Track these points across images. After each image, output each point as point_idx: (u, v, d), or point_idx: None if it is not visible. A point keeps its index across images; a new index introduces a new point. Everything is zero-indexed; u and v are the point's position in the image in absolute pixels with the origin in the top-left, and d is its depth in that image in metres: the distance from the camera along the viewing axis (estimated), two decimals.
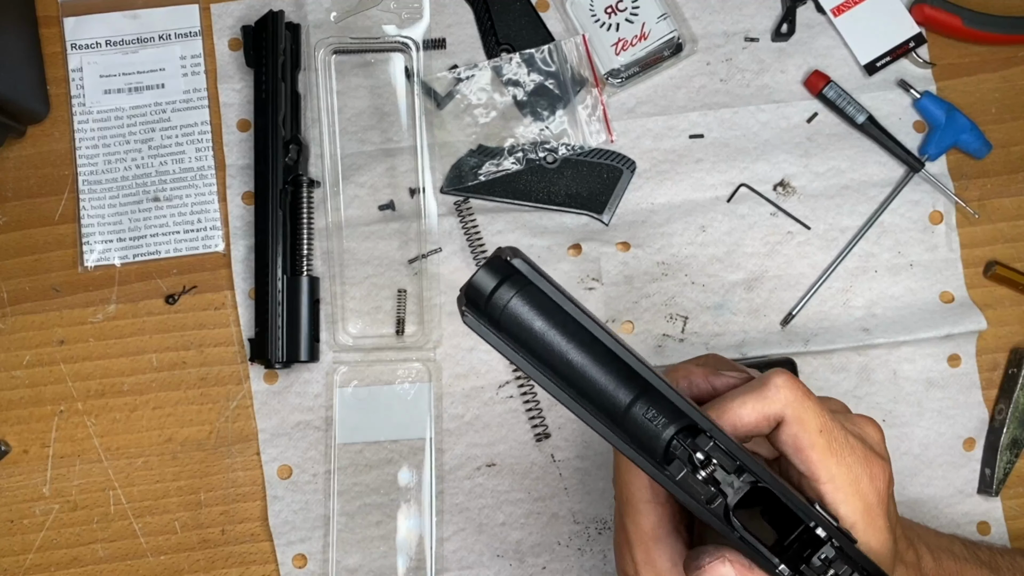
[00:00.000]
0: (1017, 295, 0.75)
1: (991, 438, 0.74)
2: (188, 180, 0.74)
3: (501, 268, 0.40)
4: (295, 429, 0.72)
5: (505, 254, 0.40)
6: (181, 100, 0.74)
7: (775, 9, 0.76)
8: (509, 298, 0.40)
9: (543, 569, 0.72)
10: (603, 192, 0.74)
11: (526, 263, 0.40)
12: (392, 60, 0.75)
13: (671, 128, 0.75)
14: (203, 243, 0.74)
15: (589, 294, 0.73)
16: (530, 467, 0.73)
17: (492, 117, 0.75)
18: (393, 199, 0.74)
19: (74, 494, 0.72)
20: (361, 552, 0.72)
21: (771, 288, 0.74)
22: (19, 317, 0.73)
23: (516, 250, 0.40)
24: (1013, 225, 0.76)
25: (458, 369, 0.73)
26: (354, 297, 0.73)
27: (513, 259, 0.40)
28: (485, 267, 0.40)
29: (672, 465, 0.42)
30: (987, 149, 0.75)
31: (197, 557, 0.72)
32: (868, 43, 0.75)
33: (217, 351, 0.73)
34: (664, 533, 0.46)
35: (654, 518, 0.46)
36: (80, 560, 0.72)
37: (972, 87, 0.76)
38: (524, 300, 0.41)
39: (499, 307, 0.40)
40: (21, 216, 0.74)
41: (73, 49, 0.74)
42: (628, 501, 0.47)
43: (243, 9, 0.75)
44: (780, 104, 0.75)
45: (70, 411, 0.72)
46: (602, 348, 0.41)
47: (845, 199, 0.75)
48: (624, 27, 0.74)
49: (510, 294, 0.40)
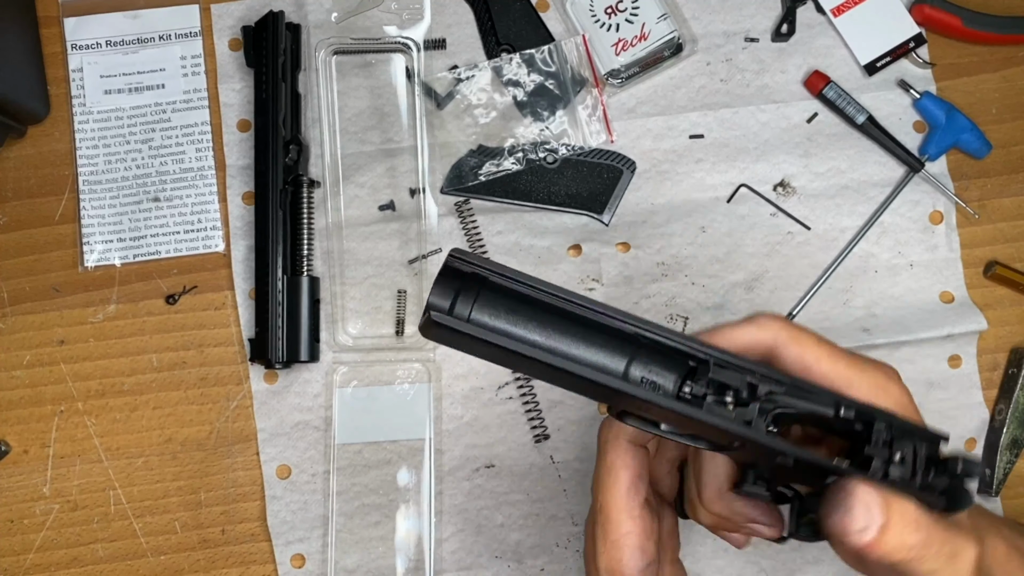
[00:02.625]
0: (1017, 295, 0.75)
1: (991, 438, 0.74)
2: (188, 180, 0.74)
3: (453, 280, 0.39)
4: (294, 429, 0.72)
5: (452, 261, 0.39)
6: (181, 100, 0.74)
7: (775, 9, 0.76)
8: (469, 311, 0.39)
9: (541, 571, 0.72)
10: (603, 192, 0.74)
11: (472, 263, 0.39)
12: (392, 60, 0.75)
13: (671, 128, 0.75)
14: (203, 243, 0.74)
15: (589, 295, 0.73)
16: (529, 468, 0.73)
17: (492, 117, 0.75)
18: (393, 199, 0.74)
19: (74, 494, 0.72)
20: (360, 552, 0.72)
21: (771, 288, 0.74)
22: (19, 317, 0.73)
23: (459, 252, 0.39)
24: (1013, 225, 0.75)
25: (457, 370, 0.73)
26: (354, 297, 0.73)
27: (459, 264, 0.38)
28: (437, 285, 0.39)
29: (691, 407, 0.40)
30: (987, 149, 0.74)
31: (197, 557, 0.72)
32: (868, 43, 0.75)
33: (217, 351, 0.73)
34: (632, 545, 0.46)
35: (624, 530, 0.46)
36: (80, 560, 0.72)
37: (972, 87, 0.76)
38: (485, 305, 0.39)
39: (463, 319, 0.39)
40: (21, 216, 0.74)
41: (73, 49, 0.74)
42: (603, 509, 0.47)
43: (243, 9, 0.75)
44: (780, 104, 0.75)
45: (70, 411, 0.72)
46: (579, 321, 0.40)
47: (845, 199, 0.75)
48: (624, 27, 0.74)
49: (468, 306, 0.39)
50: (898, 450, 0.42)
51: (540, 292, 0.39)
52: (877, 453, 0.42)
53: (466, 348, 0.40)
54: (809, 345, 0.45)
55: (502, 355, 0.39)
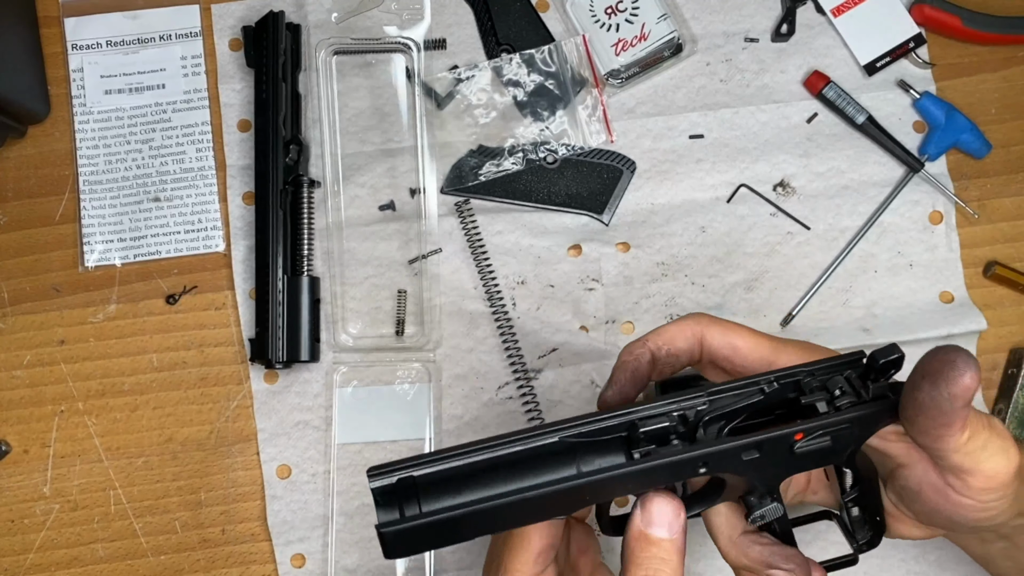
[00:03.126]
0: (1017, 295, 0.75)
1: None
2: (188, 180, 0.74)
3: (387, 496, 0.41)
4: (295, 429, 0.72)
5: (374, 481, 0.40)
6: (182, 100, 0.75)
7: (775, 9, 0.76)
8: (418, 508, 0.41)
9: None
10: (603, 192, 0.74)
11: (392, 468, 0.40)
12: (393, 61, 0.75)
13: (671, 128, 0.75)
14: (203, 243, 0.74)
15: (589, 295, 0.73)
16: None
17: (492, 117, 0.75)
18: (393, 199, 0.74)
19: (74, 494, 0.72)
20: (360, 552, 0.72)
21: (771, 288, 0.74)
22: (19, 317, 0.73)
23: (373, 468, 0.41)
24: (1013, 225, 0.75)
25: (457, 370, 0.73)
26: (354, 297, 0.73)
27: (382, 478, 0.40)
28: (378, 509, 0.40)
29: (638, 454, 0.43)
30: (987, 149, 0.75)
31: (197, 557, 0.72)
32: (868, 43, 0.75)
33: (217, 351, 0.73)
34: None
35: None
36: (80, 560, 0.72)
37: (972, 87, 0.76)
38: (429, 494, 0.41)
39: (417, 516, 0.41)
40: (21, 216, 0.74)
41: (74, 49, 0.75)
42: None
43: (244, 9, 0.75)
44: (780, 104, 0.75)
45: (70, 411, 0.72)
46: (515, 458, 0.42)
47: (845, 199, 0.75)
48: (624, 27, 0.74)
49: (415, 505, 0.41)
50: (833, 387, 0.45)
51: (466, 455, 0.41)
52: (816, 398, 0.45)
53: (434, 540, 0.41)
54: (732, 328, 0.50)
55: (472, 521, 0.41)
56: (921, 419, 0.43)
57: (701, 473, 0.44)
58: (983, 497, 0.46)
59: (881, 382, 0.45)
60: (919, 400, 0.43)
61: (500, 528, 0.42)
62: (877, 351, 0.45)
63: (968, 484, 0.46)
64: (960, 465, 0.45)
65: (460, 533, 0.41)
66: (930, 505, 0.47)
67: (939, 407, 0.42)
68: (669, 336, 0.51)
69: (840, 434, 0.45)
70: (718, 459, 0.43)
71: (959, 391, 0.42)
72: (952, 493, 0.46)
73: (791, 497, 0.54)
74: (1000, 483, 0.45)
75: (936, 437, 0.44)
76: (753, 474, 0.45)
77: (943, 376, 0.42)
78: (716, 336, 0.50)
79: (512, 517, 0.42)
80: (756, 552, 0.48)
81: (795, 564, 0.47)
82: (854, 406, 0.45)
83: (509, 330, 0.73)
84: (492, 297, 0.73)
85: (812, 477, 0.53)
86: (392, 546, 0.41)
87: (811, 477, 0.53)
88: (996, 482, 0.45)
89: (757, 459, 0.44)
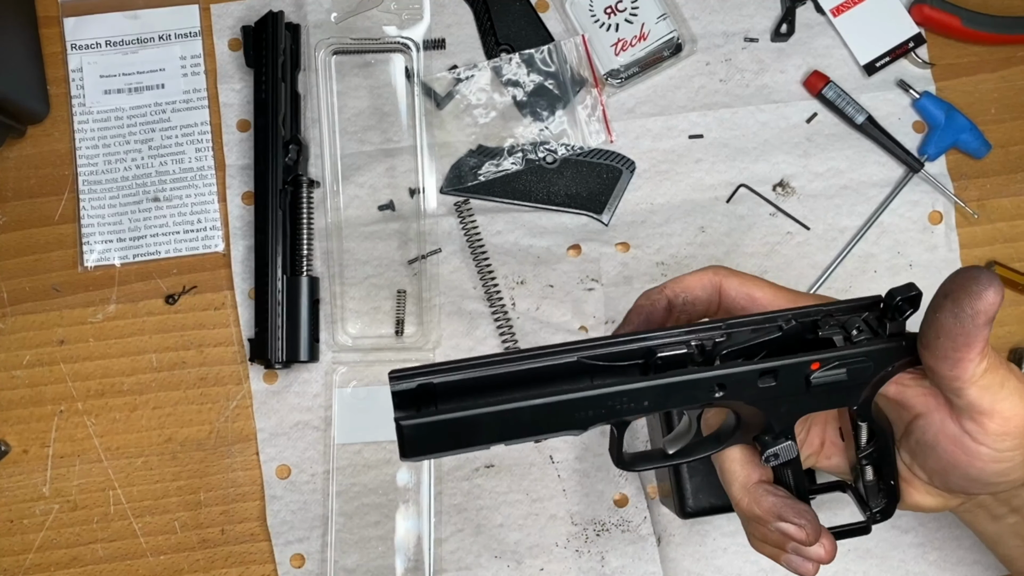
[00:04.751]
0: (1017, 295, 0.75)
1: None
2: (188, 180, 0.74)
3: (406, 397, 0.41)
4: (294, 429, 0.72)
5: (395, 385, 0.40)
6: (181, 100, 0.75)
7: (775, 9, 0.76)
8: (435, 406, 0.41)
9: (540, 570, 0.72)
10: (603, 192, 0.74)
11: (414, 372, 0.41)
12: (392, 60, 0.75)
13: (671, 128, 0.75)
14: (203, 243, 0.74)
15: (588, 295, 0.73)
16: (528, 468, 0.73)
17: (492, 117, 0.75)
18: (393, 199, 0.74)
19: (74, 494, 0.72)
20: (359, 552, 0.72)
21: None
22: (19, 317, 0.73)
23: (396, 371, 0.41)
24: (1012, 225, 0.75)
25: None
26: (354, 297, 0.73)
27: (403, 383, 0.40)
28: (396, 408, 0.41)
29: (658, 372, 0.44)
30: (986, 149, 0.75)
31: (197, 557, 0.72)
32: (867, 43, 0.75)
33: (217, 351, 0.73)
34: None
35: None
36: (80, 560, 0.72)
37: (971, 87, 0.76)
38: (446, 397, 0.41)
39: (433, 413, 0.41)
40: (21, 216, 0.74)
41: (73, 49, 0.75)
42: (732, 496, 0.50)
43: (243, 9, 0.75)
44: (779, 104, 0.75)
45: (70, 411, 0.72)
46: (531, 375, 0.42)
47: (844, 199, 0.75)
48: (624, 27, 0.74)
49: (432, 404, 0.41)
50: (851, 327, 0.45)
51: (486, 366, 0.41)
52: (834, 332, 0.45)
53: (451, 443, 0.41)
54: (750, 279, 0.50)
55: (489, 424, 0.41)
56: (941, 342, 0.44)
57: (717, 398, 0.44)
58: (999, 444, 0.45)
59: (898, 319, 0.46)
60: (940, 321, 0.43)
61: (517, 436, 0.42)
62: (895, 288, 0.45)
63: (985, 428, 0.45)
64: (977, 402, 0.45)
65: (477, 436, 0.41)
66: (946, 458, 0.47)
67: (961, 325, 0.43)
68: (687, 284, 0.50)
69: (856, 368, 0.45)
70: (735, 382, 0.44)
71: (983, 306, 0.42)
72: (968, 441, 0.46)
73: (804, 459, 0.54)
74: (1016, 427, 0.45)
75: (955, 361, 0.44)
76: (768, 406, 0.45)
77: (967, 291, 0.42)
78: (734, 286, 0.50)
79: (529, 424, 0.42)
80: (769, 502, 0.47)
81: (806, 520, 0.46)
82: (870, 341, 0.45)
83: (509, 330, 0.73)
84: (491, 297, 0.73)
85: (826, 439, 0.52)
86: (410, 442, 0.40)
87: (825, 439, 0.53)
88: (1012, 425, 0.45)
89: (773, 387, 0.44)
